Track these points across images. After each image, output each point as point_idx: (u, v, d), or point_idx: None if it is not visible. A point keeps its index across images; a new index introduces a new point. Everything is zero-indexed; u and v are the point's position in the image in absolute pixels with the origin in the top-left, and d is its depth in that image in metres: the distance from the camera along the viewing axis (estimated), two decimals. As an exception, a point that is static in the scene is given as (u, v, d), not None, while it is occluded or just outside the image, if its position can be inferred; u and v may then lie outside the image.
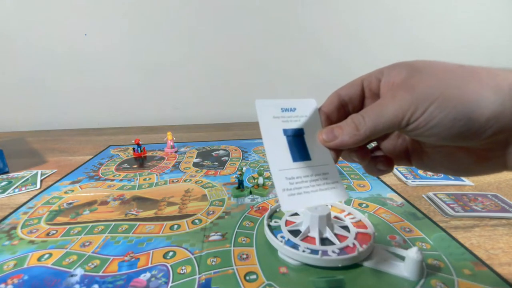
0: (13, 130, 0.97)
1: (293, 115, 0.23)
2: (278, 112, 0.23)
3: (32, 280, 0.30)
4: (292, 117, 0.23)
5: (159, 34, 0.95)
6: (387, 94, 0.21)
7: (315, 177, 0.22)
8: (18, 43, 0.92)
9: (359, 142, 0.21)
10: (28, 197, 0.48)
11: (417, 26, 1.01)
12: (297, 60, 1.02)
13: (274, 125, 0.22)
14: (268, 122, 0.23)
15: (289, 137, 0.22)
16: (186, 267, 0.31)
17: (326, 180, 0.22)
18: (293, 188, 0.21)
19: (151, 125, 1.00)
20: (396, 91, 0.20)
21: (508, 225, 0.37)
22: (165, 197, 0.47)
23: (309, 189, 0.21)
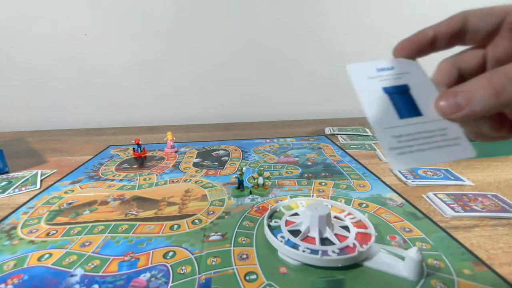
0: (13, 130, 0.97)
1: (391, 73, 0.21)
2: (374, 72, 0.21)
3: (32, 280, 0.30)
4: (391, 75, 0.21)
5: (159, 34, 0.95)
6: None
7: (430, 133, 0.18)
8: (18, 43, 0.92)
9: (497, 110, 0.16)
10: (28, 197, 0.48)
11: (418, 26, 1.01)
12: (298, 59, 1.01)
13: (371, 85, 0.20)
14: (363, 84, 0.20)
15: (392, 94, 0.20)
16: (186, 267, 0.31)
17: (444, 136, 0.18)
18: (402, 147, 0.18)
19: (151, 125, 1.00)
20: None
21: (508, 225, 0.37)
22: (165, 197, 0.47)
23: (423, 146, 0.18)
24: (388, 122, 0.19)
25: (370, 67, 0.21)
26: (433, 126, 0.18)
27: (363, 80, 0.21)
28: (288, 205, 0.41)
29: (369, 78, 0.21)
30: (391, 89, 0.20)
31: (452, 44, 0.20)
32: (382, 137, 0.19)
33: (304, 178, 0.53)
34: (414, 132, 0.18)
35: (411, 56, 0.21)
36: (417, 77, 0.20)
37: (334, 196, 0.46)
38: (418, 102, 0.19)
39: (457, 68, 0.20)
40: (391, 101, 0.20)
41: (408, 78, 0.20)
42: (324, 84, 1.04)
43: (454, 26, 0.19)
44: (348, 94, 1.11)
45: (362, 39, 1.01)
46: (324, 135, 0.80)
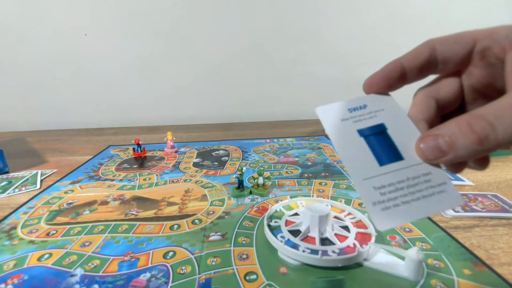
0: (13, 130, 0.97)
1: (364, 112, 0.19)
2: (346, 114, 0.19)
3: (32, 280, 0.30)
4: (365, 115, 0.19)
5: (159, 34, 0.95)
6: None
7: (414, 180, 0.17)
8: (18, 43, 0.92)
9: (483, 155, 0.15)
10: (28, 197, 0.48)
11: (419, 26, 1.01)
12: (298, 60, 1.02)
13: (345, 129, 0.19)
14: (336, 128, 0.19)
15: (368, 137, 0.18)
16: (186, 267, 0.31)
17: (429, 182, 0.17)
18: (386, 200, 0.17)
19: (151, 125, 1.00)
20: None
21: (508, 225, 0.37)
22: (165, 197, 0.47)
23: (408, 197, 0.16)
24: (367, 172, 0.17)
25: (341, 107, 0.20)
26: (415, 172, 0.17)
27: (336, 123, 0.19)
28: (288, 205, 0.41)
29: (342, 120, 0.19)
30: (366, 130, 0.19)
31: (424, 75, 0.19)
32: (362, 189, 0.17)
33: (304, 178, 0.53)
34: (396, 181, 0.17)
35: (382, 91, 0.20)
36: (393, 113, 0.19)
37: (334, 196, 0.46)
38: (397, 144, 0.18)
39: (434, 99, 0.19)
40: (368, 146, 0.18)
41: (384, 116, 0.19)
42: (324, 84, 1.04)
43: (421, 57, 0.18)
44: (348, 94, 1.11)
45: (362, 39, 1.01)
46: (324, 135, 0.80)
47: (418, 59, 0.18)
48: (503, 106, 0.14)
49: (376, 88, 0.19)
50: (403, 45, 0.98)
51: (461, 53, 0.18)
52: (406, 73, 0.19)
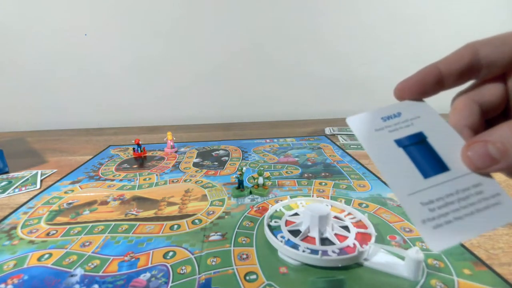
0: (13, 130, 0.97)
1: (400, 121, 0.18)
2: (379, 123, 0.18)
3: (32, 280, 0.30)
4: (401, 123, 0.18)
5: (160, 34, 0.95)
6: None
7: (464, 193, 0.15)
8: (18, 43, 0.92)
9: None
10: (28, 197, 0.48)
11: (419, 26, 1.01)
12: (298, 60, 1.01)
13: (381, 140, 0.17)
14: (371, 139, 0.17)
15: (407, 148, 0.17)
16: (186, 267, 0.31)
17: (481, 194, 0.15)
18: (437, 217, 0.15)
19: (151, 125, 1.00)
20: None
21: (508, 225, 0.37)
22: (165, 197, 0.47)
23: (461, 212, 0.15)
24: (412, 186, 0.16)
25: (373, 117, 0.18)
26: (465, 183, 0.15)
27: (370, 134, 0.18)
28: (288, 205, 0.41)
29: (376, 131, 0.18)
30: (405, 140, 0.17)
31: (464, 80, 0.18)
32: (408, 206, 0.15)
33: (304, 178, 0.53)
34: (445, 195, 0.15)
35: (415, 98, 0.18)
36: (431, 120, 0.17)
37: (334, 196, 0.46)
38: (440, 154, 0.16)
39: (477, 104, 0.18)
40: (409, 157, 0.17)
41: (421, 124, 0.17)
42: (324, 84, 1.04)
43: (463, 61, 0.17)
44: (348, 94, 1.11)
45: (362, 39, 1.01)
46: (324, 135, 0.80)
47: (459, 64, 0.17)
48: None
49: (409, 93, 0.18)
50: (403, 45, 0.98)
51: (509, 55, 0.16)
52: (443, 79, 0.17)
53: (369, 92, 1.08)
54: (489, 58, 0.17)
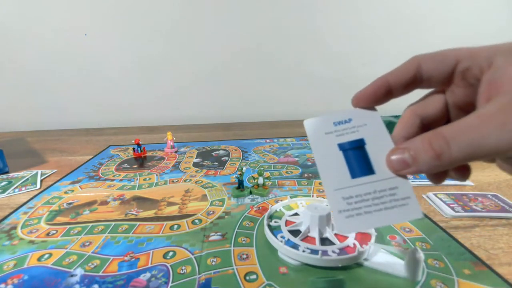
0: (13, 130, 0.97)
1: (348, 126, 0.20)
2: (330, 127, 0.21)
3: (32, 280, 0.30)
4: (348, 129, 0.20)
5: (160, 34, 0.95)
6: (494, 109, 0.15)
7: (379, 193, 0.19)
8: (18, 43, 0.92)
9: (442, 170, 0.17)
10: (28, 197, 0.48)
11: (419, 25, 1.01)
12: (298, 60, 1.02)
13: (327, 142, 0.20)
14: (319, 140, 0.20)
15: (346, 152, 0.20)
16: (186, 267, 0.31)
17: (393, 196, 0.18)
18: (351, 209, 0.18)
19: (151, 125, 1.00)
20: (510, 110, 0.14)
21: (508, 225, 0.37)
22: (165, 197, 0.47)
23: (371, 208, 0.18)
24: (339, 183, 0.19)
25: (327, 121, 0.21)
26: (383, 185, 0.19)
27: (320, 137, 0.20)
28: (288, 205, 0.41)
29: (326, 134, 0.20)
30: (346, 145, 0.20)
31: (409, 90, 0.20)
32: (332, 198, 0.19)
33: (304, 178, 0.53)
34: (364, 193, 0.19)
35: (369, 106, 0.21)
36: (374, 129, 0.20)
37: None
38: (372, 159, 0.19)
39: (419, 117, 0.20)
40: (345, 159, 0.20)
41: (365, 131, 0.20)
42: (324, 84, 1.04)
43: (407, 74, 0.19)
44: (348, 94, 1.11)
45: (361, 39, 1.01)
46: (324, 135, 0.80)
47: (404, 77, 0.19)
48: (461, 126, 0.15)
49: (364, 103, 0.21)
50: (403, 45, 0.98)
51: (444, 73, 0.18)
52: (392, 90, 0.20)
53: (369, 92, 1.08)
54: (428, 73, 0.19)
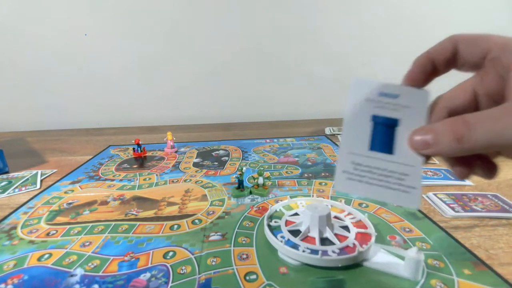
0: (13, 130, 0.97)
1: (392, 102, 0.19)
2: (374, 95, 0.19)
3: (32, 280, 0.30)
4: (390, 104, 0.19)
5: (160, 34, 0.95)
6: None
7: (389, 173, 0.19)
8: (18, 43, 0.92)
9: (463, 154, 0.17)
10: (28, 197, 0.48)
11: (418, 25, 1.01)
12: (298, 60, 1.01)
13: (363, 108, 0.19)
14: (356, 104, 0.19)
15: (376, 125, 0.19)
16: (186, 267, 0.31)
17: (401, 180, 0.18)
18: (355, 174, 0.18)
19: (151, 125, 1.00)
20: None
21: (508, 225, 0.37)
22: (165, 197, 0.47)
23: (375, 181, 0.18)
24: (355, 148, 0.19)
25: (375, 88, 0.20)
26: (396, 168, 0.18)
27: (359, 100, 0.20)
28: (288, 205, 0.41)
29: (366, 100, 0.20)
30: (380, 119, 0.19)
31: (449, 68, 0.20)
32: (342, 158, 0.19)
33: (304, 178, 0.53)
34: (374, 166, 0.19)
35: (420, 85, 0.20)
36: (415, 114, 0.19)
37: (334, 196, 0.46)
38: (397, 141, 0.19)
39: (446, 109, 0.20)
40: (372, 130, 0.19)
41: (405, 113, 0.19)
42: (324, 84, 1.04)
43: (447, 51, 0.19)
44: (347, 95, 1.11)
45: (362, 39, 1.01)
46: (324, 135, 0.80)
47: (444, 53, 0.19)
48: (485, 115, 0.16)
49: (414, 81, 0.20)
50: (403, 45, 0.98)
51: (476, 57, 0.18)
52: (436, 66, 0.20)
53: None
54: (462, 53, 0.19)
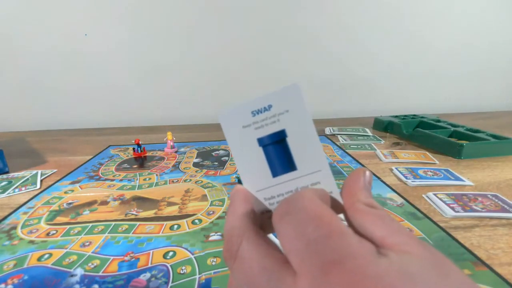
0: (13, 130, 0.97)
1: (268, 115, 0.17)
2: (248, 118, 0.17)
3: (32, 280, 0.30)
4: (268, 119, 0.17)
5: (159, 34, 0.95)
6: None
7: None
8: (18, 43, 0.92)
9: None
10: (28, 197, 0.48)
11: (417, 25, 1.01)
12: (297, 60, 1.02)
13: (245, 138, 0.17)
14: (236, 136, 0.17)
15: (266, 147, 0.17)
16: (186, 267, 0.31)
17: None
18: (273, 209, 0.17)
19: (151, 125, 1.00)
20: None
21: (508, 225, 0.37)
22: (165, 197, 0.47)
23: None
24: (260, 184, 0.18)
25: (244, 111, 0.17)
26: (305, 181, 0.17)
27: (237, 132, 0.17)
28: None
29: (243, 128, 0.17)
30: (266, 139, 0.17)
31: None
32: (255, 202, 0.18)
33: (304, 178, 0.52)
34: (285, 192, 0.17)
35: None
36: (296, 116, 0.17)
37: (334, 196, 0.46)
38: (294, 153, 0.17)
39: None
40: (265, 156, 0.17)
41: (287, 120, 0.17)
42: (324, 84, 1.04)
43: None
44: (348, 94, 1.11)
45: (361, 40, 1.01)
46: (324, 135, 0.80)
47: None
48: None
49: None
50: (402, 45, 0.98)
51: None
52: None
53: (369, 92, 1.08)
54: None
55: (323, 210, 0.14)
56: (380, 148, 0.68)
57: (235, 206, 0.17)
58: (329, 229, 0.13)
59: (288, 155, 0.17)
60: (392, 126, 0.81)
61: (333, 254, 0.12)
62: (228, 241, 0.16)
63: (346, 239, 0.12)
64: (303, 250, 0.13)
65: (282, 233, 0.14)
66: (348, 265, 0.11)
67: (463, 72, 1.09)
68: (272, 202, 0.18)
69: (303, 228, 0.13)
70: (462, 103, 1.14)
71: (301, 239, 0.13)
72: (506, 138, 0.63)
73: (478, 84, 1.13)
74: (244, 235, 0.15)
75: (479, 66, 1.09)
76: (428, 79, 1.08)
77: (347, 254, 0.12)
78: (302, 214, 0.14)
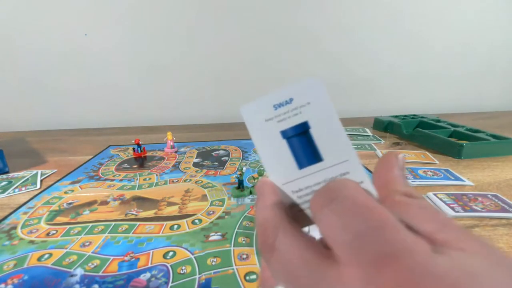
0: (13, 130, 0.97)
1: (290, 108, 0.18)
2: (270, 112, 0.18)
3: (32, 280, 0.30)
4: (290, 112, 0.18)
5: (159, 34, 0.95)
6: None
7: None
8: (18, 43, 0.92)
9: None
10: (28, 197, 0.48)
11: (417, 25, 1.01)
12: (297, 60, 1.02)
13: (268, 131, 0.18)
14: (260, 130, 0.18)
15: (290, 139, 0.18)
16: (186, 267, 0.31)
17: None
18: (301, 202, 0.17)
19: (151, 125, 1.00)
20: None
21: (508, 225, 0.37)
22: (165, 197, 0.47)
23: None
24: (287, 176, 0.17)
25: (266, 104, 0.18)
26: (334, 172, 0.17)
27: (260, 125, 0.18)
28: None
29: (266, 121, 0.18)
30: (289, 131, 0.17)
31: None
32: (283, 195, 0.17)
33: (304, 178, 0.53)
34: (313, 184, 0.17)
35: None
36: (319, 108, 0.17)
37: (334, 196, 0.46)
38: (318, 144, 0.17)
39: None
40: (289, 148, 0.17)
41: (309, 112, 0.17)
42: (324, 84, 1.04)
43: None
44: (348, 94, 1.11)
45: (361, 40, 1.01)
46: (324, 135, 0.80)
47: None
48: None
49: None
50: (402, 45, 0.98)
51: None
52: None
53: (369, 92, 1.08)
54: None
55: (371, 201, 0.13)
56: (380, 148, 0.67)
57: (265, 198, 0.17)
58: (380, 221, 0.12)
59: (312, 146, 0.17)
60: (392, 126, 0.81)
61: (386, 248, 0.11)
62: (263, 234, 0.15)
63: (400, 233, 0.11)
64: (351, 242, 0.12)
65: (326, 222, 0.13)
66: (405, 262, 0.11)
67: (463, 72, 1.09)
68: (300, 195, 0.17)
69: (351, 218, 0.12)
70: (462, 103, 1.14)
71: (349, 230, 0.12)
72: (506, 138, 0.63)
73: (478, 84, 1.13)
74: (280, 226, 0.15)
75: (479, 66, 1.09)
76: (428, 79, 1.08)
77: (403, 249, 0.11)
78: (349, 203, 0.13)
